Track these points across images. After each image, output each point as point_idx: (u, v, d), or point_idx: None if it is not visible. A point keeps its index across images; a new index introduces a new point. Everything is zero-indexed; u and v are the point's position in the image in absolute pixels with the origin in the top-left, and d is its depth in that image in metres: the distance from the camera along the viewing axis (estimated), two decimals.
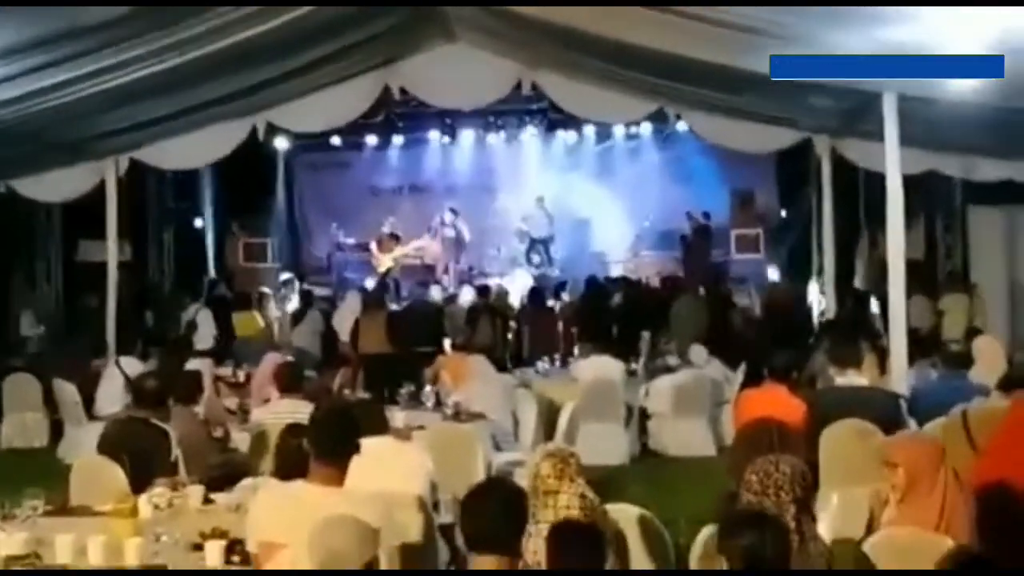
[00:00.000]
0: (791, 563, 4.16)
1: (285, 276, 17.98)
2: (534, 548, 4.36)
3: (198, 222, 19.52)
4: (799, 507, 4.43)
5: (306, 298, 16.82)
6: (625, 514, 5.29)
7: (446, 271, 19.98)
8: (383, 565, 3.92)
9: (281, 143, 19.21)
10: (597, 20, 9.43)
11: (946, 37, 7.33)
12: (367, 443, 4.82)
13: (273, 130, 13.59)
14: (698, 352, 12.54)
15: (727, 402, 11.41)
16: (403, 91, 13.43)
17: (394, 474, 5.73)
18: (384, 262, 19.88)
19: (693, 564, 4.65)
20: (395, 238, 20.03)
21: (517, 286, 18.06)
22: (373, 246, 20.01)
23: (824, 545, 4.51)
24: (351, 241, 20.59)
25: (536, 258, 19.89)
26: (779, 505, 4.39)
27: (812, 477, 4.55)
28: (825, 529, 5.36)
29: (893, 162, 9.52)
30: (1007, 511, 5.02)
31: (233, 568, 4.88)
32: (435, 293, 18.52)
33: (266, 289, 16.89)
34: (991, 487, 5.18)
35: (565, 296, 16.85)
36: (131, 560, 4.97)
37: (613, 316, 15.22)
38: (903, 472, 4.97)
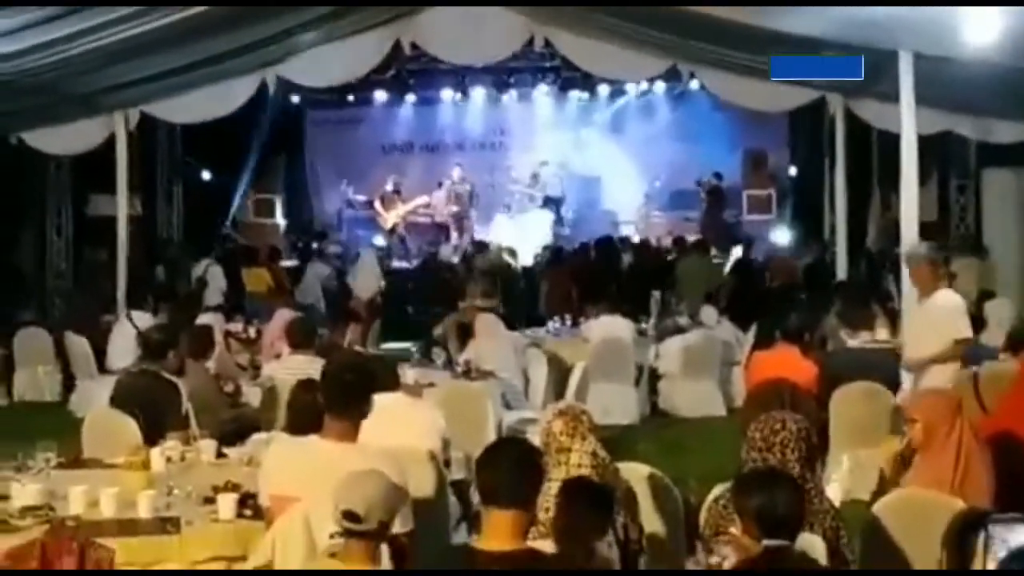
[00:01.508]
0: (811, 523, 4.20)
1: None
2: (547, 505, 4.38)
3: (208, 177, 19.49)
4: (803, 466, 4.46)
5: (305, 254, 16.84)
6: (636, 472, 5.31)
7: (458, 228, 19.93)
8: (397, 521, 3.93)
9: (292, 98, 19.13)
10: None
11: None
12: (379, 399, 4.84)
13: (283, 85, 13.51)
14: (708, 313, 12.54)
15: (737, 363, 11.43)
16: (414, 46, 13.35)
17: (407, 430, 5.76)
18: (390, 219, 19.86)
19: (703, 522, 4.67)
20: (398, 194, 19.98)
21: (529, 244, 18.04)
22: (377, 203, 19.97)
23: (830, 503, 4.53)
24: (361, 198, 20.51)
25: (548, 217, 19.82)
26: (783, 463, 4.42)
27: (820, 437, 4.58)
28: (835, 490, 5.39)
29: (908, 122, 9.45)
30: (1018, 456, 5.10)
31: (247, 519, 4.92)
32: (445, 252, 18.56)
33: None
34: (1001, 437, 5.25)
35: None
36: (144, 512, 5.01)
37: (623, 276, 15.22)
38: (920, 427, 5.02)
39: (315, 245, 18.12)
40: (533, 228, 19.48)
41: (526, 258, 17.19)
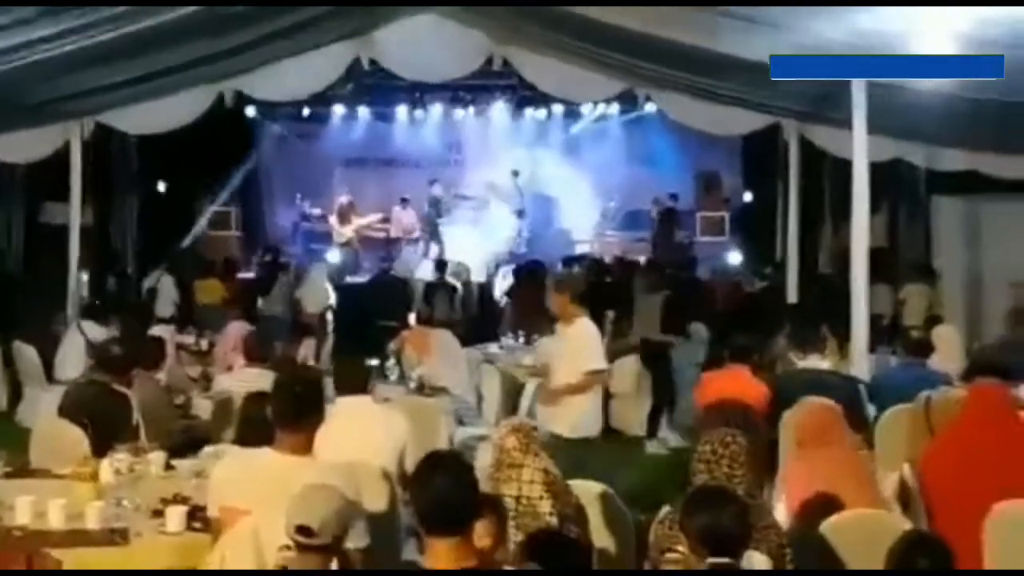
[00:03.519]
0: (756, 539, 4.24)
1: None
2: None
3: (162, 188, 19.37)
4: (750, 482, 4.51)
5: (271, 268, 16.76)
6: (587, 490, 5.34)
7: (414, 244, 19.95)
8: (352, 536, 3.93)
9: (248, 112, 19.06)
10: None
11: (918, 28, 7.44)
12: (346, 401, 4.86)
13: (241, 98, 13.46)
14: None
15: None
16: (373, 63, 13.36)
17: (371, 433, 5.76)
18: (345, 233, 19.83)
19: (651, 541, 4.70)
20: (352, 207, 19.96)
21: (484, 254, 18.09)
22: (332, 218, 19.92)
23: (775, 522, 4.58)
24: (316, 212, 20.49)
25: (511, 224, 19.89)
26: (730, 477, 4.47)
27: (770, 455, 4.64)
28: (782, 511, 5.45)
29: (860, 149, 9.58)
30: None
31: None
32: (400, 266, 18.53)
33: None
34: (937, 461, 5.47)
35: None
36: (92, 523, 4.97)
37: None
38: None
39: (280, 259, 18.05)
40: (495, 233, 19.52)
41: (479, 274, 17.22)
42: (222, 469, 4.73)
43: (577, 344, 7.85)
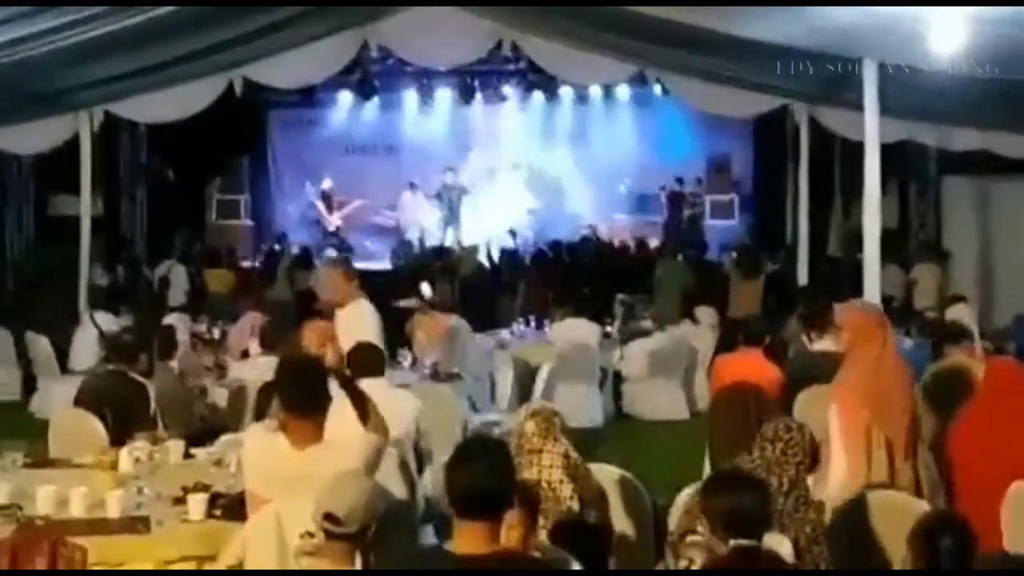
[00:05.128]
0: (785, 525, 4.27)
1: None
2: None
3: (172, 177, 19.40)
4: (799, 472, 4.53)
5: (273, 256, 16.81)
6: (607, 475, 5.36)
7: (423, 230, 19.99)
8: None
9: (257, 99, 19.05)
10: None
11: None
12: (363, 384, 4.89)
13: (250, 86, 13.47)
14: (708, 313, 12.65)
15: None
16: (381, 48, 13.36)
17: (387, 416, 5.79)
18: (333, 221, 19.85)
19: (672, 525, 4.72)
20: (333, 192, 20.09)
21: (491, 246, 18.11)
22: (320, 204, 19.94)
23: (816, 515, 4.59)
24: (335, 201, 20.51)
25: (514, 218, 19.90)
26: (779, 463, 4.48)
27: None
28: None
29: (872, 130, 9.57)
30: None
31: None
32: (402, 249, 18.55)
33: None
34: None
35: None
36: (113, 512, 5.01)
37: (587, 279, 15.28)
38: (846, 336, 5.58)
39: (282, 246, 18.10)
40: (502, 219, 19.55)
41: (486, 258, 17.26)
42: (247, 452, 4.77)
43: (347, 329, 7.30)
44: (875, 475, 5.21)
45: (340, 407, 4.76)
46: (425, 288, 12.50)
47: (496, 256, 17.20)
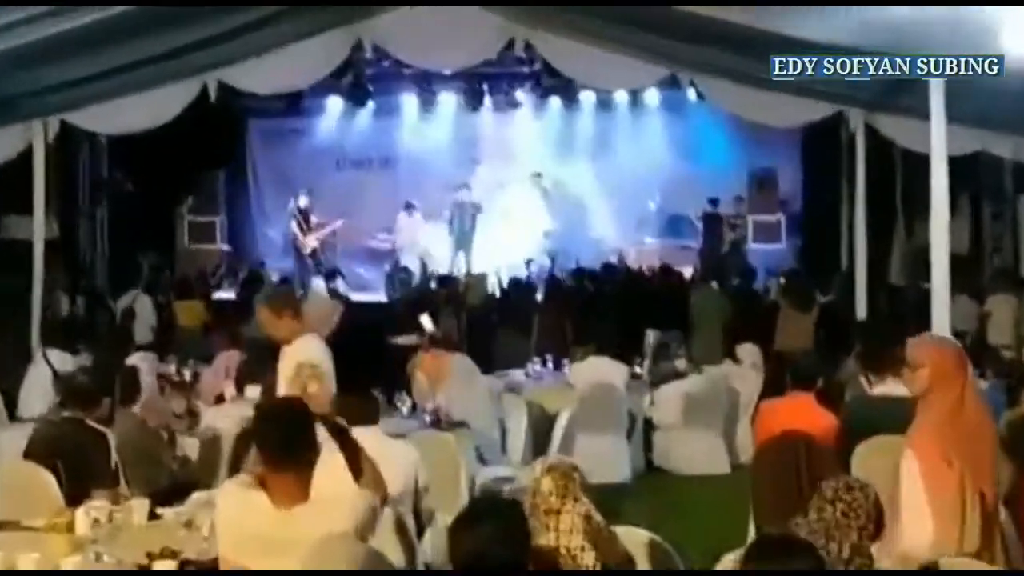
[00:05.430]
0: None
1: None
2: None
3: (137, 196, 19.46)
4: (860, 536, 4.50)
5: (249, 285, 16.83)
6: (634, 538, 5.33)
7: (424, 255, 20.03)
8: None
9: (235, 107, 19.14)
10: None
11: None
12: (354, 433, 4.89)
13: (226, 92, 13.52)
14: (751, 352, 12.59)
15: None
16: (376, 49, 13.41)
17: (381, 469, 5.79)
18: (309, 243, 19.86)
19: None
20: (306, 216, 20.10)
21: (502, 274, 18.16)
22: (293, 224, 19.94)
23: None
24: (312, 220, 20.53)
25: (529, 242, 19.94)
26: (840, 525, 4.46)
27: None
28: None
29: (939, 140, 9.56)
30: None
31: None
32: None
33: None
34: None
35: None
36: None
37: (612, 311, 15.27)
38: (927, 373, 5.37)
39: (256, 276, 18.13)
40: (515, 243, 19.57)
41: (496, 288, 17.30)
42: (218, 512, 4.76)
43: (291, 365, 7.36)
44: (969, 538, 5.15)
45: (329, 459, 4.75)
46: (426, 322, 12.44)
47: (507, 285, 17.23)
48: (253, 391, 8.81)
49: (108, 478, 6.55)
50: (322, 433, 4.81)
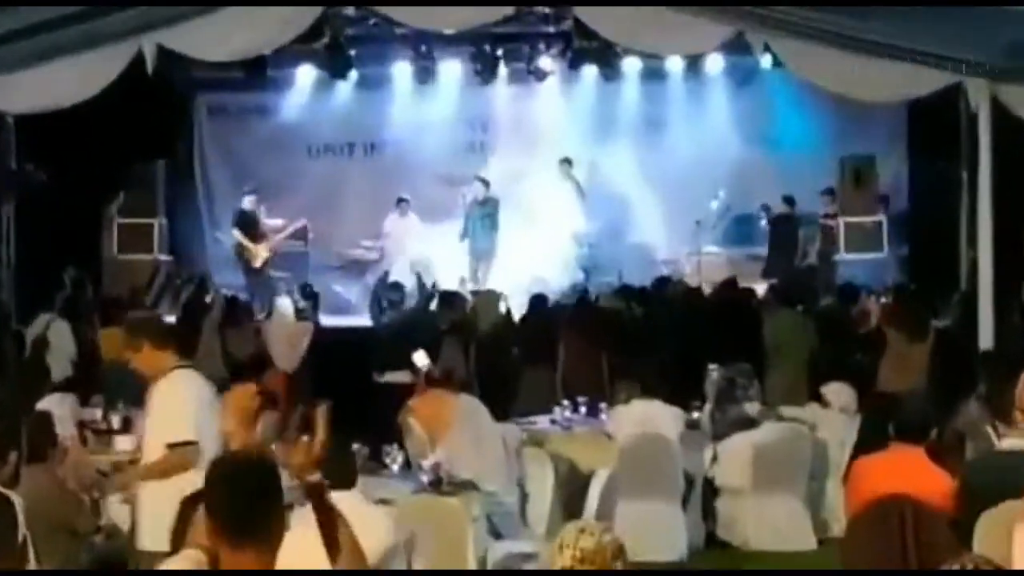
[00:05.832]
0: None
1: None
2: None
3: (52, 193, 19.55)
4: None
5: (194, 306, 16.87)
6: None
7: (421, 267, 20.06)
8: None
9: (179, 79, 19.21)
10: None
11: None
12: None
13: (167, 59, 13.56)
14: (842, 392, 12.55)
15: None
16: (360, 4, 13.46)
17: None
18: (259, 253, 19.73)
19: None
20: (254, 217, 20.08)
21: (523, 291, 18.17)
22: (236, 232, 19.81)
23: None
24: (276, 222, 20.51)
25: (558, 250, 19.98)
26: None
27: None
28: None
29: None
30: None
31: None
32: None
33: None
34: None
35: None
36: None
37: (664, 341, 15.25)
38: None
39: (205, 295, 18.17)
40: (541, 250, 19.63)
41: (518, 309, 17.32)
42: None
43: (160, 407, 7.73)
44: None
45: (300, 532, 4.74)
46: (419, 359, 12.40)
47: (527, 306, 17.24)
48: None
49: (13, 553, 6.56)
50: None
